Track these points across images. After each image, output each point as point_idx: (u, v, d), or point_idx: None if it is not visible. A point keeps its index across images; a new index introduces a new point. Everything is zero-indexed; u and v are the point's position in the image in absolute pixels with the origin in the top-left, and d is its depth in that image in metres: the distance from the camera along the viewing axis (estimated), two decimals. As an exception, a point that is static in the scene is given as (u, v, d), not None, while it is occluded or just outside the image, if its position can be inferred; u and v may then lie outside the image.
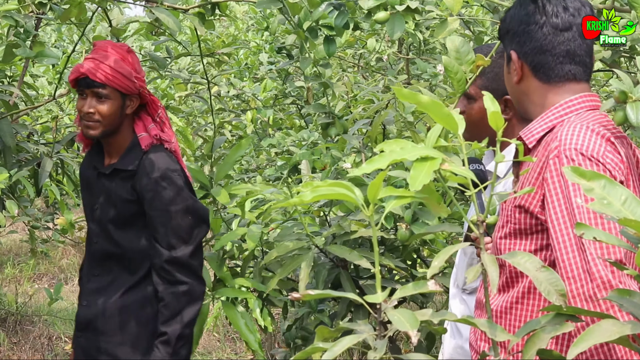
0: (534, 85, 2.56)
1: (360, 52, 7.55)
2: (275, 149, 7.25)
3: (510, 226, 2.48)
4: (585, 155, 2.32)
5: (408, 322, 1.59)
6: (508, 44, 2.61)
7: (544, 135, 2.49)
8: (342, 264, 4.03)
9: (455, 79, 2.52)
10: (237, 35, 9.02)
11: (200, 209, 3.44)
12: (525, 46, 2.55)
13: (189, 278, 3.37)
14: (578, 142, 2.34)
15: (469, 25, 5.19)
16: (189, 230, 3.39)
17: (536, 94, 2.56)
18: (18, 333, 7.75)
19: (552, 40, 2.52)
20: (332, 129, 4.18)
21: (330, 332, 1.74)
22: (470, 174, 1.69)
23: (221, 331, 7.73)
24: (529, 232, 2.44)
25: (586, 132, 2.36)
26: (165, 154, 3.45)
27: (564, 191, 2.31)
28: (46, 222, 6.37)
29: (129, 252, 3.48)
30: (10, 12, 3.19)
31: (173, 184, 3.39)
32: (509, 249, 2.48)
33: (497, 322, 2.50)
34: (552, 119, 2.49)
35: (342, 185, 1.66)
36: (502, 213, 2.54)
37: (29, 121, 6.33)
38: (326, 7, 3.17)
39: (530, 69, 2.56)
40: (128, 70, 3.41)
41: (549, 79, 2.53)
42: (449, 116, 1.73)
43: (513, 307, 2.48)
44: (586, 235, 1.60)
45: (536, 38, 2.53)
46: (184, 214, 3.38)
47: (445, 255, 1.74)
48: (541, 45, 2.53)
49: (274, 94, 7.66)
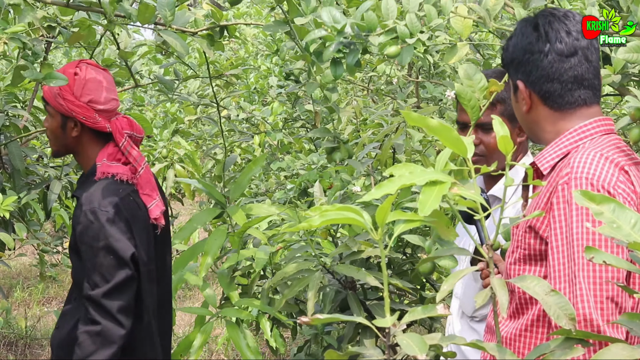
0: (545, 114, 2.54)
1: (369, 75, 7.56)
2: (284, 172, 7.25)
3: (521, 252, 2.46)
4: (594, 185, 2.30)
5: (417, 346, 1.59)
6: (513, 74, 2.59)
7: (558, 162, 2.48)
8: (350, 286, 4.02)
9: (469, 107, 2.51)
10: (247, 58, 9.03)
11: (121, 249, 3.27)
12: (531, 75, 2.53)
13: (103, 319, 3.22)
14: (590, 172, 2.32)
15: (479, 49, 5.20)
16: (110, 269, 3.25)
17: (548, 122, 2.54)
18: (27, 357, 7.74)
19: (559, 68, 2.50)
20: (337, 153, 4.17)
21: (339, 356, 1.74)
22: (480, 198, 1.69)
23: (231, 355, 7.71)
24: (539, 258, 2.42)
25: (599, 161, 2.34)
26: (107, 188, 3.35)
27: (567, 219, 2.29)
28: (55, 246, 6.38)
29: (79, 282, 3.38)
30: (18, 35, 3.20)
31: (98, 220, 3.27)
32: (519, 274, 2.45)
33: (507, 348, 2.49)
34: (567, 144, 2.47)
35: (351, 209, 1.66)
36: (512, 238, 2.52)
37: (38, 145, 6.34)
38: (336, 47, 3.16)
39: (539, 98, 2.53)
40: (55, 91, 3.38)
41: (560, 107, 2.51)
42: (458, 140, 1.73)
43: (522, 335, 2.46)
44: (596, 259, 1.60)
45: (542, 67, 2.51)
46: (106, 253, 3.25)
47: (454, 279, 1.73)
48: (548, 74, 2.50)
49: (284, 118, 7.67)
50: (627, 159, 2.38)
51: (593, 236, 2.23)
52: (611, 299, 2.19)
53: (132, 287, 3.31)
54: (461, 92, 2.52)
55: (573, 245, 2.25)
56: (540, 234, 2.39)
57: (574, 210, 2.27)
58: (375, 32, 3.04)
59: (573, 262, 2.25)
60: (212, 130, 7.78)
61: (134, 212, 3.38)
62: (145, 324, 3.43)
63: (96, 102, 3.38)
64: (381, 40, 3.01)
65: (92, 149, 3.45)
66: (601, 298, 2.19)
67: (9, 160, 4.72)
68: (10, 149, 4.64)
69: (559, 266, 2.29)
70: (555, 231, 2.32)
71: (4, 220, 4.83)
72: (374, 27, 3.06)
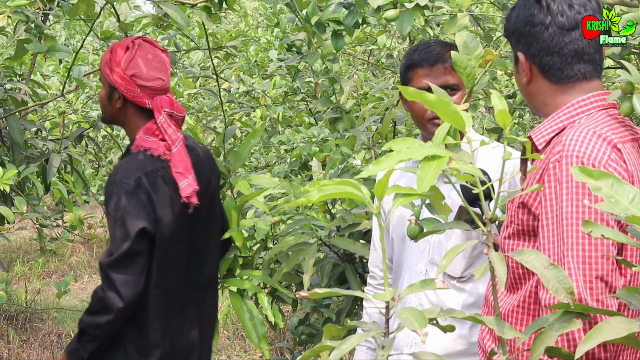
0: (544, 86, 2.52)
1: (370, 48, 7.54)
2: (284, 146, 7.23)
3: (514, 227, 2.45)
4: (585, 164, 2.27)
5: (416, 320, 1.59)
6: (515, 45, 2.56)
7: (554, 137, 2.46)
8: (348, 259, 4.02)
9: (464, 74, 2.51)
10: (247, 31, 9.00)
11: (130, 223, 3.34)
12: (532, 47, 2.50)
13: (107, 288, 3.32)
14: (581, 150, 2.29)
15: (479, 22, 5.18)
16: (119, 241, 3.33)
17: (547, 95, 2.52)
18: (27, 330, 7.77)
19: (559, 41, 2.47)
20: (340, 123, 4.16)
21: (338, 330, 1.74)
22: (478, 172, 1.68)
23: (231, 329, 7.74)
24: (532, 234, 2.41)
25: (591, 138, 2.31)
26: (135, 162, 3.43)
27: (557, 198, 2.28)
28: (55, 220, 6.38)
29: None
30: (21, 8, 3.21)
31: (118, 192, 3.35)
32: (512, 249, 2.45)
33: None
34: (563, 119, 2.46)
35: (349, 183, 1.65)
36: (507, 213, 2.52)
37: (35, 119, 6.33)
38: (336, 7, 3.15)
39: (539, 70, 2.51)
40: (105, 60, 3.47)
41: (559, 80, 2.49)
42: (456, 114, 1.72)
43: (515, 311, 2.44)
44: (594, 233, 1.59)
45: (543, 39, 2.49)
46: (120, 224, 3.34)
47: (453, 254, 1.73)
48: (548, 47, 2.48)
49: (284, 91, 7.65)
50: (623, 135, 2.37)
51: (583, 215, 2.23)
52: (600, 278, 2.18)
53: (138, 261, 3.35)
54: (457, 59, 2.52)
55: (562, 225, 2.25)
56: (532, 210, 2.38)
57: (564, 188, 2.26)
58: (375, -7, 3.02)
59: (562, 242, 2.24)
60: (213, 103, 7.77)
61: (159, 187, 3.43)
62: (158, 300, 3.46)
63: (139, 77, 3.44)
64: (380, 2, 2.99)
65: (135, 122, 3.51)
66: (590, 277, 2.19)
67: (8, 133, 4.72)
68: (9, 122, 4.64)
69: (548, 245, 2.29)
70: (545, 209, 2.31)
71: (3, 193, 4.83)
72: (373, -13, 3.04)
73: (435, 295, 3.25)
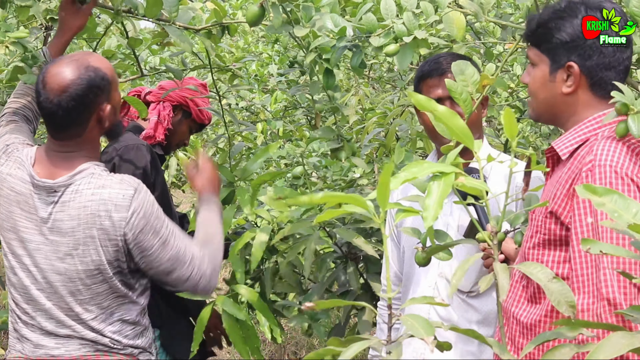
0: (586, 98, 2.51)
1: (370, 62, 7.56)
2: (285, 160, 7.24)
3: (540, 237, 2.46)
4: (619, 173, 2.30)
5: (422, 328, 1.58)
6: (564, 54, 2.51)
7: (577, 148, 2.47)
8: (352, 256, 4.04)
9: (460, 100, 2.54)
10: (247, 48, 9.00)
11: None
12: (590, 60, 2.48)
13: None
14: (613, 159, 2.31)
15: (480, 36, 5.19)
16: None
17: (584, 107, 2.51)
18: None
19: (619, 57, 2.49)
20: (342, 152, 4.17)
21: (341, 343, 1.75)
22: (485, 186, 1.71)
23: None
24: (560, 244, 2.43)
25: (622, 149, 2.33)
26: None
27: (592, 207, 2.30)
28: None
29: None
30: (21, 40, 3.27)
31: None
32: (538, 259, 2.47)
33: (528, 334, 2.50)
34: (586, 131, 2.47)
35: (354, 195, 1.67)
36: (531, 223, 2.53)
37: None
38: (340, 52, 3.20)
39: (589, 82, 2.50)
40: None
41: (604, 95, 2.48)
42: (464, 129, 1.76)
43: (543, 321, 2.46)
44: (592, 250, 1.61)
45: (605, 54, 2.48)
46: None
47: (462, 270, 1.75)
48: (609, 62, 2.48)
49: (284, 106, 7.65)
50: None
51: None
52: (634, 284, 2.21)
53: None
54: (452, 86, 2.55)
55: (598, 232, 2.27)
56: (561, 219, 2.40)
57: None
58: (376, 33, 3.08)
59: None
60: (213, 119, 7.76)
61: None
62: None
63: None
64: (381, 41, 3.05)
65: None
66: (624, 282, 2.20)
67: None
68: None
69: (582, 252, 2.30)
70: (580, 217, 2.32)
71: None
72: (374, 28, 3.10)
73: (444, 310, 3.27)
